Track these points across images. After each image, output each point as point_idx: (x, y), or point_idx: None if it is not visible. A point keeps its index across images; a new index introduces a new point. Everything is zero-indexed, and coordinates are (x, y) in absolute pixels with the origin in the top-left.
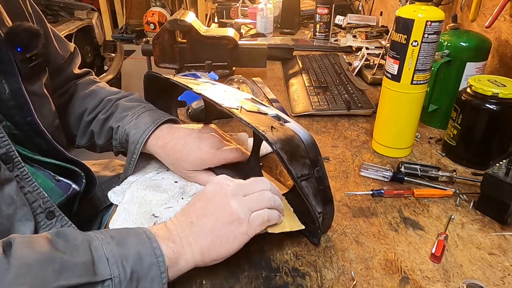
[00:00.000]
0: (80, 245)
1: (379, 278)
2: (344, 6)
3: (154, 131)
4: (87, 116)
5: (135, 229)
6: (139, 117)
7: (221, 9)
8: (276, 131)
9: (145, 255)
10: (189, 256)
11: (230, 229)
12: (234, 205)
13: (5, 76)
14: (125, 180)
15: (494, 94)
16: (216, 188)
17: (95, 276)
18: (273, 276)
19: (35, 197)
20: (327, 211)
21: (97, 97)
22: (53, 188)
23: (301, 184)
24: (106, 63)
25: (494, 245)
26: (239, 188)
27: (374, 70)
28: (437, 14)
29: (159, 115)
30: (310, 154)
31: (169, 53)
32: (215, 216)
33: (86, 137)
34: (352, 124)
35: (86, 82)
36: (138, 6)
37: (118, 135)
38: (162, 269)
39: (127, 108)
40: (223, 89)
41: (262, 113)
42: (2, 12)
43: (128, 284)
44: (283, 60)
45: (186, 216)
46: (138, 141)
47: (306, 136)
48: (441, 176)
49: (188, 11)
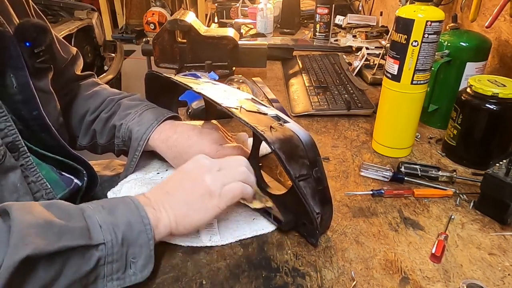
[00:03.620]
0: (74, 213)
1: (379, 278)
2: (344, 6)
3: (157, 127)
4: (89, 115)
5: (124, 199)
6: (142, 115)
7: (221, 9)
8: (275, 131)
9: (134, 223)
10: (166, 221)
11: (203, 201)
12: (208, 179)
13: (13, 70)
14: (124, 180)
15: (494, 94)
16: (194, 164)
17: (90, 240)
18: (273, 276)
19: (38, 187)
20: (325, 211)
21: (100, 98)
22: (57, 180)
23: (299, 184)
24: (106, 63)
25: (494, 245)
26: (214, 164)
27: (374, 70)
28: (437, 14)
29: (161, 112)
30: (309, 155)
31: (169, 53)
32: (189, 189)
33: (88, 137)
34: (352, 124)
35: (89, 83)
36: (138, 6)
37: (121, 132)
38: (150, 236)
39: (129, 106)
40: (223, 89)
41: (262, 113)
42: (11, 11)
43: (120, 249)
44: (283, 60)
45: (163, 188)
46: (141, 137)
47: (305, 137)
48: (441, 176)
49: (188, 11)
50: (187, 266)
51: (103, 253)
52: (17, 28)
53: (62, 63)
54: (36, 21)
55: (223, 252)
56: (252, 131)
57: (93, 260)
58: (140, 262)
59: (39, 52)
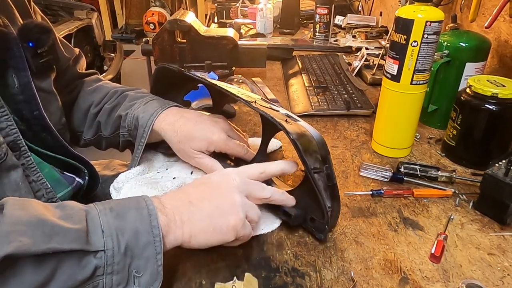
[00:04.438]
0: (75, 214)
1: (378, 278)
2: (343, 6)
3: (163, 112)
4: (93, 108)
5: (138, 200)
6: (147, 104)
7: (221, 9)
8: (290, 124)
9: (142, 231)
10: (179, 234)
11: (227, 220)
12: (238, 199)
13: (16, 70)
14: (124, 177)
15: (493, 94)
16: (224, 178)
17: (88, 245)
18: (272, 276)
19: (39, 186)
20: (334, 207)
21: (103, 91)
22: (59, 179)
23: (314, 176)
24: (105, 63)
25: (494, 245)
26: (245, 187)
27: (373, 70)
28: (437, 14)
29: (167, 102)
30: (321, 151)
31: (168, 53)
32: (216, 203)
33: (92, 130)
34: (351, 124)
35: (92, 79)
36: (137, 6)
37: (127, 122)
38: (158, 249)
39: (135, 97)
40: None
41: (274, 109)
42: (15, 12)
43: (122, 259)
44: (283, 60)
45: (186, 195)
46: (147, 123)
47: (316, 135)
48: (441, 176)
49: (188, 11)
50: (187, 266)
51: (102, 261)
52: (21, 28)
53: (65, 63)
54: (39, 22)
55: (223, 252)
56: (269, 121)
57: (89, 268)
58: (145, 278)
59: (42, 52)
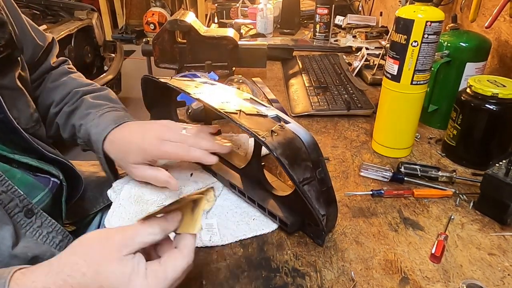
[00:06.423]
0: None
1: (379, 278)
2: (344, 7)
3: (113, 130)
4: (53, 108)
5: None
6: (101, 117)
7: (221, 9)
8: (276, 135)
9: None
10: None
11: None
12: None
13: None
14: (123, 179)
15: (493, 94)
16: None
17: None
18: (273, 276)
19: (10, 196)
20: (330, 212)
21: (66, 89)
22: (33, 182)
23: (303, 189)
24: (106, 63)
25: (494, 246)
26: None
27: (374, 70)
28: (437, 14)
29: (121, 116)
30: (312, 156)
31: (169, 53)
32: None
33: (53, 129)
34: (352, 124)
35: (60, 72)
36: (138, 6)
37: (81, 133)
38: None
39: (91, 105)
40: (221, 90)
41: (262, 115)
42: None
43: None
44: (283, 60)
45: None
46: (98, 145)
47: (307, 137)
48: (441, 176)
49: (188, 11)
50: None
51: None
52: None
53: (38, 51)
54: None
55: (223, 252)
56: (253, 137)
57: None
58: None
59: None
